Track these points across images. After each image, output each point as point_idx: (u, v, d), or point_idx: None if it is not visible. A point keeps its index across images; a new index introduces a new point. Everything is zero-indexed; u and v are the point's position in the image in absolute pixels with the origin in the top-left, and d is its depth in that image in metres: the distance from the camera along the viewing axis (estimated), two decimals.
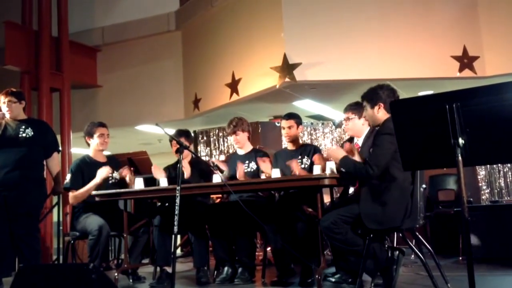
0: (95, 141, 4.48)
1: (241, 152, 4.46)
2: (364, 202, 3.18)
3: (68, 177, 4.40)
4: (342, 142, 4.63)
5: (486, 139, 2.11)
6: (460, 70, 5.91)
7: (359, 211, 3.16)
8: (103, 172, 4.28)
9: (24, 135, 4.25)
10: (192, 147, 4.60)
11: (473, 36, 6.02)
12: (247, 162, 4.34)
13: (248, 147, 4.46)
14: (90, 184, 4.29)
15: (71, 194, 4.38)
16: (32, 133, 4.27)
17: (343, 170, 3.36)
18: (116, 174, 4.46)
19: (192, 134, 7.87)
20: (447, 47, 5.94)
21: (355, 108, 3.78)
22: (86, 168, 4.42)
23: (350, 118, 3.84)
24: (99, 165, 4.48)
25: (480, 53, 5.98)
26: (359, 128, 3.82)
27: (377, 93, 3.28)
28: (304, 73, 5.82)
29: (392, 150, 3.04)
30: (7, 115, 4.29)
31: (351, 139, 4.06)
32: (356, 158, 3.33)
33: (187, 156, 4.48)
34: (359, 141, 3.87)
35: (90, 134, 4.50)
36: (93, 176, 4.36)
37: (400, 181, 3.13)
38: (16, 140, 4.22)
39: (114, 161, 4.66)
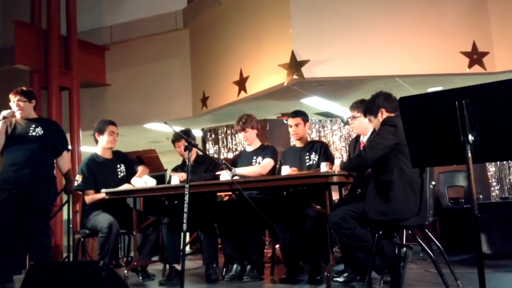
0: (104, 138, 4.51)
1: (249, 149, 4.47)
2: (369, 197, 3.20)
3: (80, 179, 4.42)
4: (349, 144, 4.59)
5: (496, 136, 2.09)
6: (470, 66, 5.87)
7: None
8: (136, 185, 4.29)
9: (34, 133, 4.28)
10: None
11: (482, 31, 5.97)
12: (254, 157, 4.35)
13: (257, 143, 4.47)
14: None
15: (88, 196, 4.40)
16: (42, 131, 4.30)
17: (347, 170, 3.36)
18: (123, 168, 4.53)
19: (201, 132, 7.91)
20: (457, 43, 5.89)
21: (361, 106, 3.76)
22: (96, 167, 4.46)
23: (355, 117, 3.83)
24: (107, 162, 4.53)
25: (489, 49, 5.93)
26: (365, 126, 3.79)
27: (374, 102, 3.40)
28: (312, 70, 5.80)
29: (392, 141, 3.12)
30: (17, 114, 4.32)
31: (357, 138, 4.05)
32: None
33: (192, 154, 4.48)
34: (364, 139, 3.85)
35: (100, 131, 4.53)
36: (102, 174, 4.41)
37: (406, 176, 3.12)
38: (26, 139, 4.25)
39: (121, 155, 4.70)
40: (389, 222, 3.17)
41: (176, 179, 4.11)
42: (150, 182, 4.20)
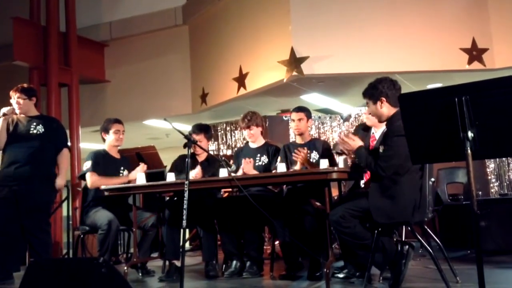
0: (110, 137, 4.51)
1: (253, 145, 4.47)
2: (373, 196, 3.15)
3: (89, 163, 4.39)
4: (354, 129, 4.58)
5: (496, 132, 2.09)
6: (469, 62, 5.86)
7: (368, 205, 3.15)
8: (135, 176, 4.25)
9: (35, 131, 4.28)
10: (207, 144, 4.61)
11: (482, 28, 5.97)
12: (258, 155, 4.35)
13: (261, 141, 4.47)
14: (120, 180, 4.34)
15: (92, 177, 4.35)
16: (43, 129, 4.31)
17: (357, 161, 3.34)
18: (126, 173, 4.51)
19: None
20: (456, 39, 5.89)
21: None
22: (102, 161, 4.46)
23: None
24: (114, 161, 4.53)
25: (489, 45, 5.93)
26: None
27: (377, 88, 3.25)
28: (312, 67, 5.80)
29: (406, 153, 2.97)
30: (18, 112, 4.32)
31: (367, 129, 4.01)
32: None
33: (203, 152, 4.45)
34: (377, 133, 3.83)
35: (106, 130, 4.53)
36: (107, 169, 4.41)
37: (409, 175, 3.11)
38: (27, 136, 4.25)
39: (126, 161, 4.71)
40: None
41: (172, 175, 4.09)
42: (140, 179, 4.15)
